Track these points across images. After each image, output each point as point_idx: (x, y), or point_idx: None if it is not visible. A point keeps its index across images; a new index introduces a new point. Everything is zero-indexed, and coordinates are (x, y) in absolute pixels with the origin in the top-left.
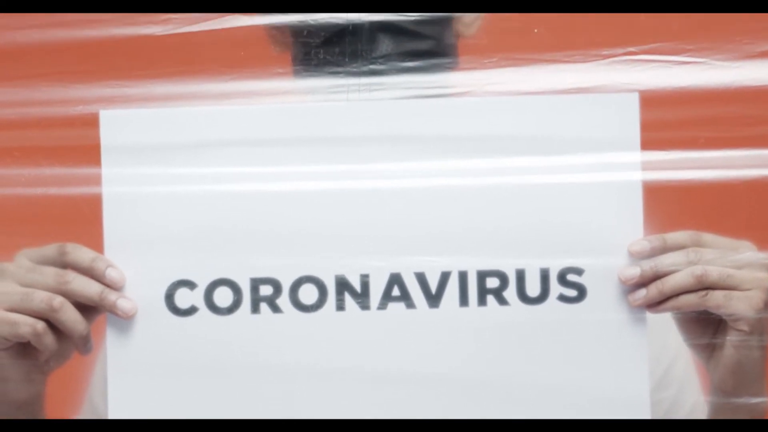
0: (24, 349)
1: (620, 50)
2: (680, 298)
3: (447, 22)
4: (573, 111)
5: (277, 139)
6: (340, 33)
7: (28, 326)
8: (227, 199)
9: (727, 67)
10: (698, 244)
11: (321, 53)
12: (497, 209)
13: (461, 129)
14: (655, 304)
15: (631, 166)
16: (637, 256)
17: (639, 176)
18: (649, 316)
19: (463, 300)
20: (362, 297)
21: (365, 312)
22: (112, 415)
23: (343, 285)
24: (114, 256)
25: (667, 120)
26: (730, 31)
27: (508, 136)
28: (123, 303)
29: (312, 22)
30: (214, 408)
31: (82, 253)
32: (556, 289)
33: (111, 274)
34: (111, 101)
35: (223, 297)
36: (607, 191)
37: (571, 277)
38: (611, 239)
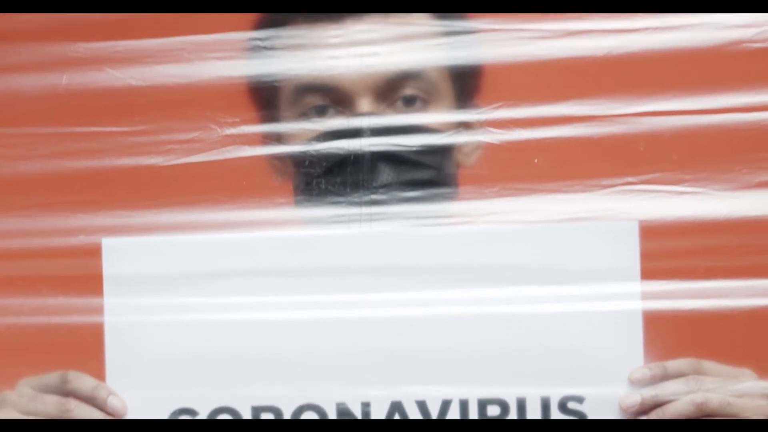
0: None
1: (619, 180)
2: None
3: (447, 151)
4: (573, 240)
5: (278, 269)
6: (341, 163)
7: None
8: (228, 328)
9: (726, 197)
10: (699, 372)
11: (322, 183)
12: (498, 338)
13: (462, 258)
14: None
15: (631, 296)
16: (637, 384)
17: (639, 305)
18: None
19: None
20: None
21: None
22: None
23: (344, 413)
24: (116, 384)
25: (666, 249)
26: (729, 162)
27: (508, 265)
28: None
29: (313, 152)
30: None
31: (83, 382)
32: (556, 417)
33: (113, 402)
34: (113, 231)
35: None
36: (608, 320)
37: (571, 405)
38: (612, 367)
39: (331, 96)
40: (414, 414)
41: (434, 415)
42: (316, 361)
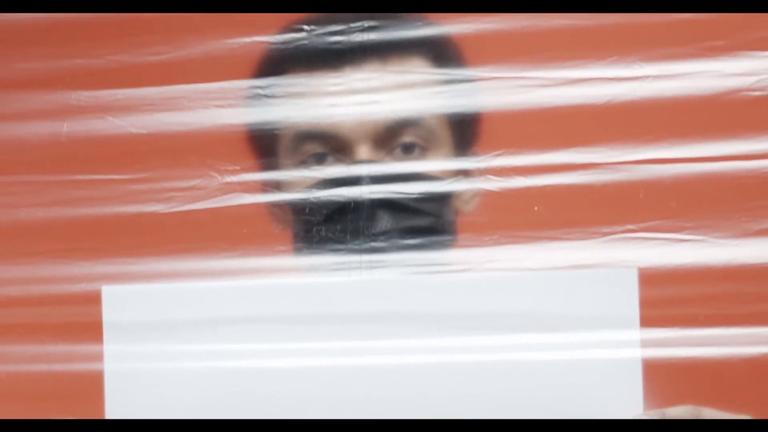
0: None
1: (619, 228)
2: None
3: (446, 199)
4: (572, 287)
5: (278, 316)
6: (340, 210)
7: None
8: (228, 375)
9: (725, 245)
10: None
11: (322, 230)
12: (497, 386)
13: (461, 306)
14: None
15: (630, 343)
16: None
17: (638, 353)
18: None
19: None
20: None
21: None
22: None
23: None
24: None
25: (666, 297)
26: (729, 209)
27: (507, 312)
28: None
29: (313, 200)
30: None
31: None
32: None
33: None
34: (114, 278)
35: None
36: (607, 368)
37: None
38: (611, 415)
39: (330, 143)
40: None
41: None
42: (316, 408)
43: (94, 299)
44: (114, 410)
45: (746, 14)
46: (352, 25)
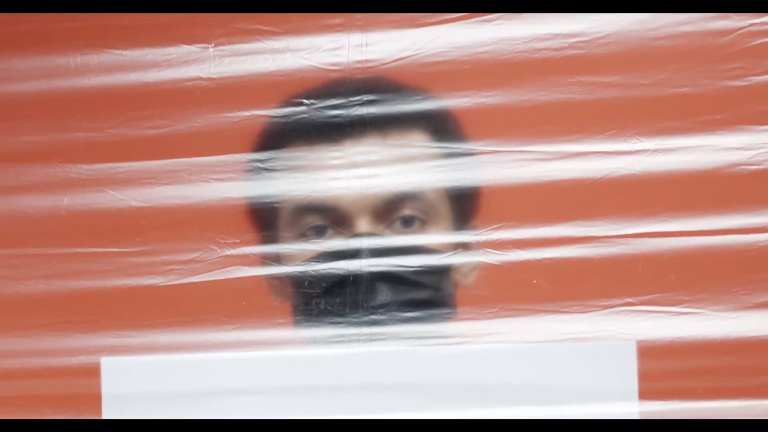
0: None
1: (619, 301)
2: None
3: (445, 271)
4: (571, 360)
5: (278, 388)
6: (340, 283)
7: None
8: None
9: (724, 318)
10: None
11: (322, 303)
12: None
13: (461, 379)
14: None
15: (628, 416)
16: None
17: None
18: None
19: None
20: None
21: None
22: None
23: None
24: None
25: (665, 370)
26: (728, 283)
27: (506, 385)
28: None
29: (312, 273)
30: None
31: None
32: None
33: None
34: (114, 351)
35: None
36: None
37: None
38: None
39: (330, 216)
40: None
41: None
42: None
43: (94, 371)
44: None
45: (743, 88)
46: (352, 99)
